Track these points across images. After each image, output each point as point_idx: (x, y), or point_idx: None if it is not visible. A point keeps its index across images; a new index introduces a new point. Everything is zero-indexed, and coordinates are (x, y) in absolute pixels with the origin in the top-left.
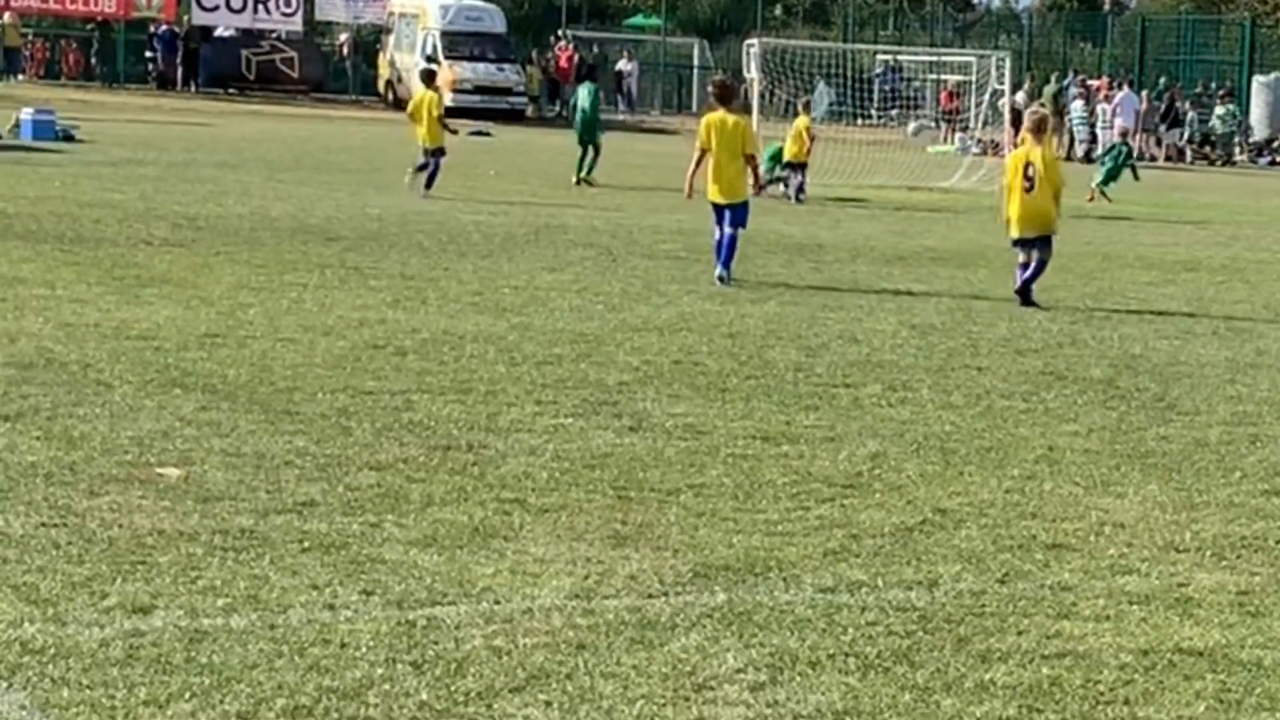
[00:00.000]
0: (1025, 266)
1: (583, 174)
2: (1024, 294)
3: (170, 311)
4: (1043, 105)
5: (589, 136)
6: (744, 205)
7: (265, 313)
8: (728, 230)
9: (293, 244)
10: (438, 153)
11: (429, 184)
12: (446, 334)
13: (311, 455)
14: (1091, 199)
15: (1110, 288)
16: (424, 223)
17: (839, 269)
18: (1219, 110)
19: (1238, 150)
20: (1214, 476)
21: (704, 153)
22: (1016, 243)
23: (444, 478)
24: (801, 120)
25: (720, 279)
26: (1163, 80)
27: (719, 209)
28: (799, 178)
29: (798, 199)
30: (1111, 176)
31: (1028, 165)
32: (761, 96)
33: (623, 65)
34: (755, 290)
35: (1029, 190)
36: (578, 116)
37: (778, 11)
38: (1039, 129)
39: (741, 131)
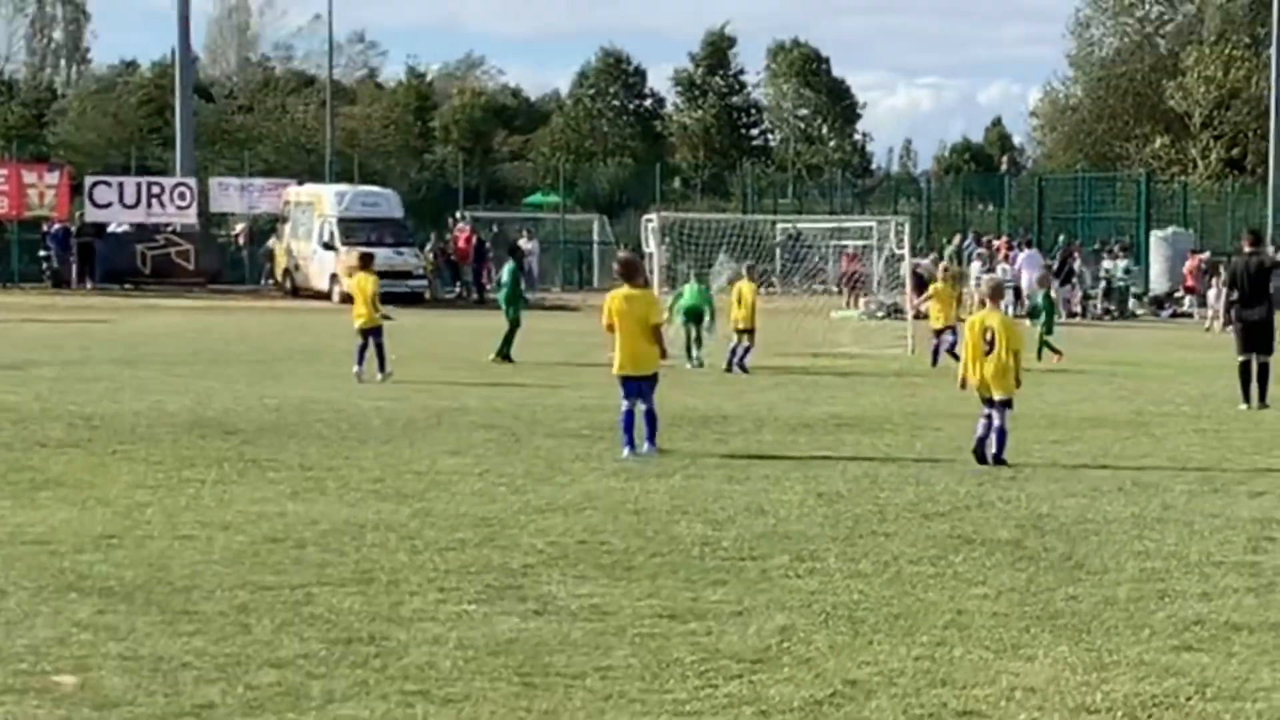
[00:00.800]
0: (989, 422)
1: (500, 351)
2: (982, 451)
3: (66, 514)
4: (947, 267)
5: (507, 313)
6: (654, 377)
7: (163, 511)
8: (641, 404)
9: (190, 439)
10: (375, 332)
11: (381, 365)
12: (347, 524)
13: (210, 655)
14: (1059, 358)
15: (1016, 447)
16: (323, 411)
17: (744, 439)
18: (1116, 264)
19: (1135, 304)
20: (1124, 635)
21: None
22: (986, 401)
23: (345, 672)
24: (745, 285)
25: (626, 457)
26: (1061, 238)
27: (629, 382)
28: (746, 343)
29: (742, 368)
30: (1047, 329)
31: (986, 329)
32: (663, 269)
33: (522, 244)
34: (660, 464)
35: (988, 353)
36: (500, 294)
37: (676, 184)
38: (995, 295)
39: (646, 304)
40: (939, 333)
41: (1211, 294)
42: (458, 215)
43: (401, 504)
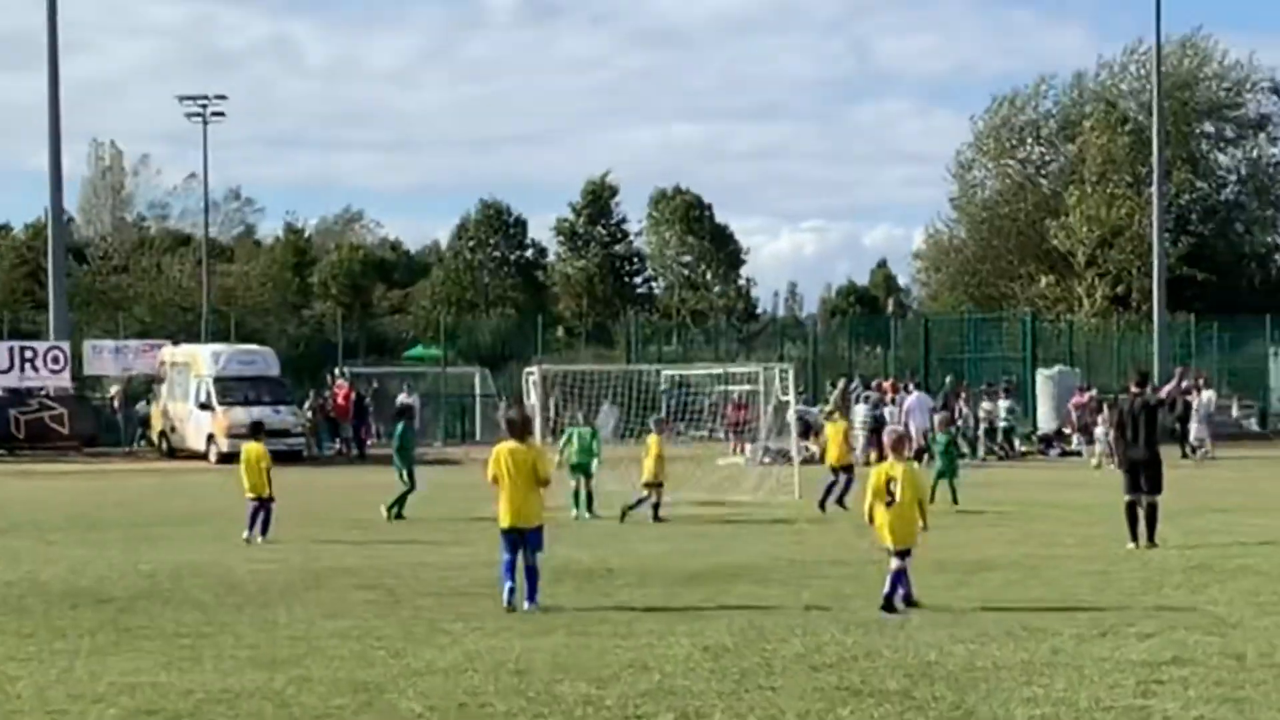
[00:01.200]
0: (899, 574)
1: (393, 509)
2: (890, 604)
3: None
4: (834, 409)
5: (400, 473)
6: (539, 530)
7: (34, 685)
8: (526, 559)
9: (63, 609)
10: (268, 500)
11: (265, 529)
12: (222, 693)
13: None
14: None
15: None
16: (200, 575)
17: (629, 593)
18: (998, 405)
19: (1020, 443)
20: None
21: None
22: (893, 552)
23: None
24: (653, 438)
25: (507, 605)
26: (949, 379)
27: (512, 536)
28: (655, 496)
29: (655, 517)
30: (952, 472)
31: (889, 479)
32: (545, 422)
33: (403, 398)
34: (542, 621)
35: (891, 503)
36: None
37: (560, 334)
38: (898, 446)
39: (533, 457)
40: (836, 471)
41: (1099, 431)
42: (336, 371)
43: (277, 671)
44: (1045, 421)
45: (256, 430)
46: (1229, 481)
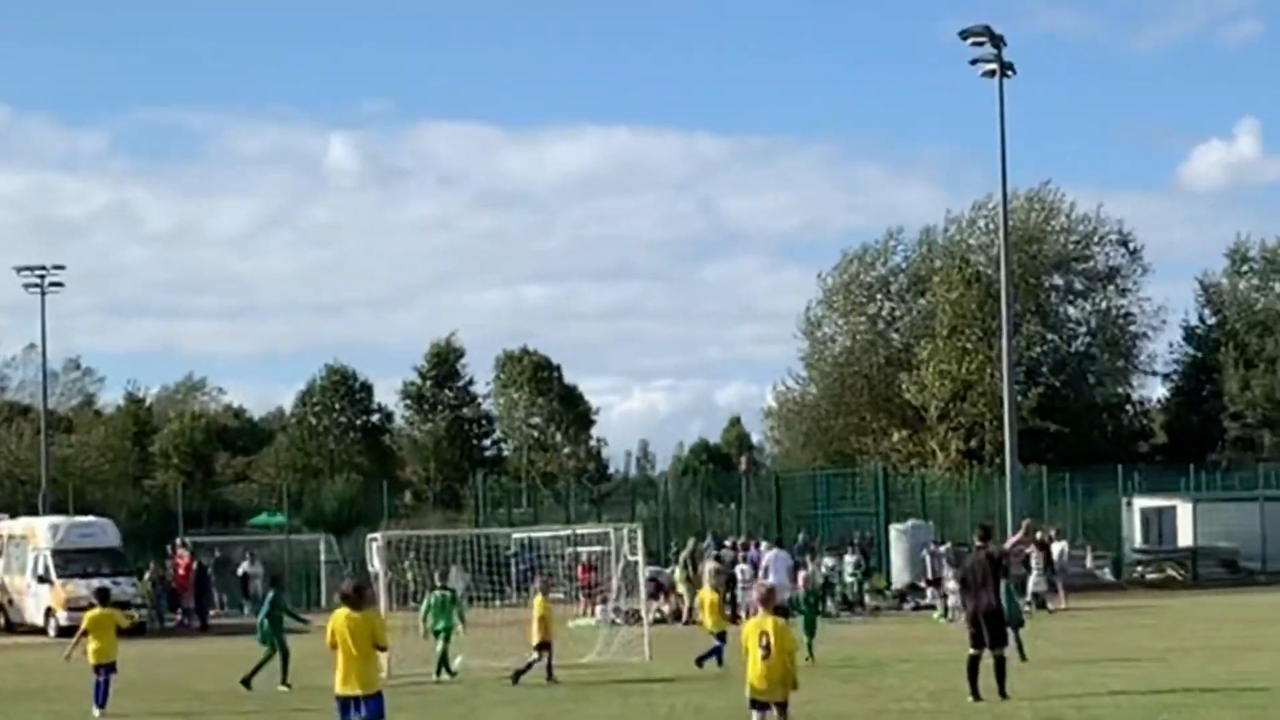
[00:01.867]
0: None
1: (285, 679)
2: None
3: None
4: (719, 570)
5: (273, 641)
6: (378, 697)
7: None
8: None
9: None
10: (110, 668)
11: (102, 703)
12: None
13: None
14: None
15: None
16: None
17: None
18: (844, 560)
19: (871, 598)
20: None
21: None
22: (753, 704)
23: None
24: (539, 600)
25: None
26: (801, 535)
27: (346, 703)
28: (545, 657)
29: (549, 677)
30: (811, 629)
31: (762, 634)
32: (391, 588)
33: (246, 567)
34: None
35: (765, 657)
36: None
37: (408, 498)
38: (767, 600)
39: (371, 624)
40: (719, 635)
41: (950, 584)
42: (178, 541)
43: None
44: (899, 576)
45: (104, 596)
46: (1082, 633)
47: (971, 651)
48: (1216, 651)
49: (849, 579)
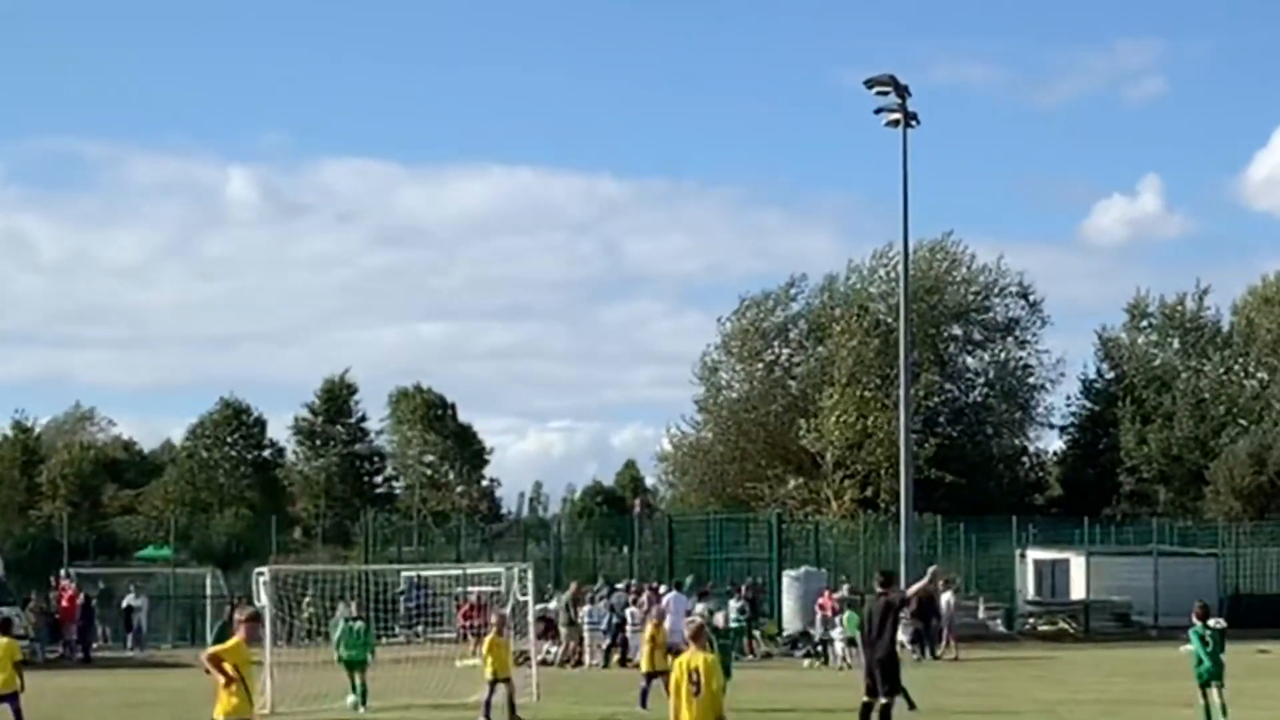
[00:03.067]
0: None
1: None
2: None
3: None
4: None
5: None
6: None
7: None
8: None
9: None
10: (12, 697)
11: None
12: None
13: None
14: None
15: None
16: None
17: None
18: (732, 605)
19: (762, 643)
20: None
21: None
22: None
23: None
24: (491, 636)
25: None
26: (689, 579)
27: None
28: (505, 691)
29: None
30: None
31: (692, 670)
32: (276, 623)
33: (130, 599)
34: None
35: (696, 694)
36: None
37: (297, 534)
38: (697, 635)
39: (229, 649)
40: (649, 676)
41: (836, 632)
42: (62, 573)
43: None
44: (790, 622)
45: (6, 627)
46: (973, 682)
47: (865, 699)
48: (1107, 705)
49: (733, 624)
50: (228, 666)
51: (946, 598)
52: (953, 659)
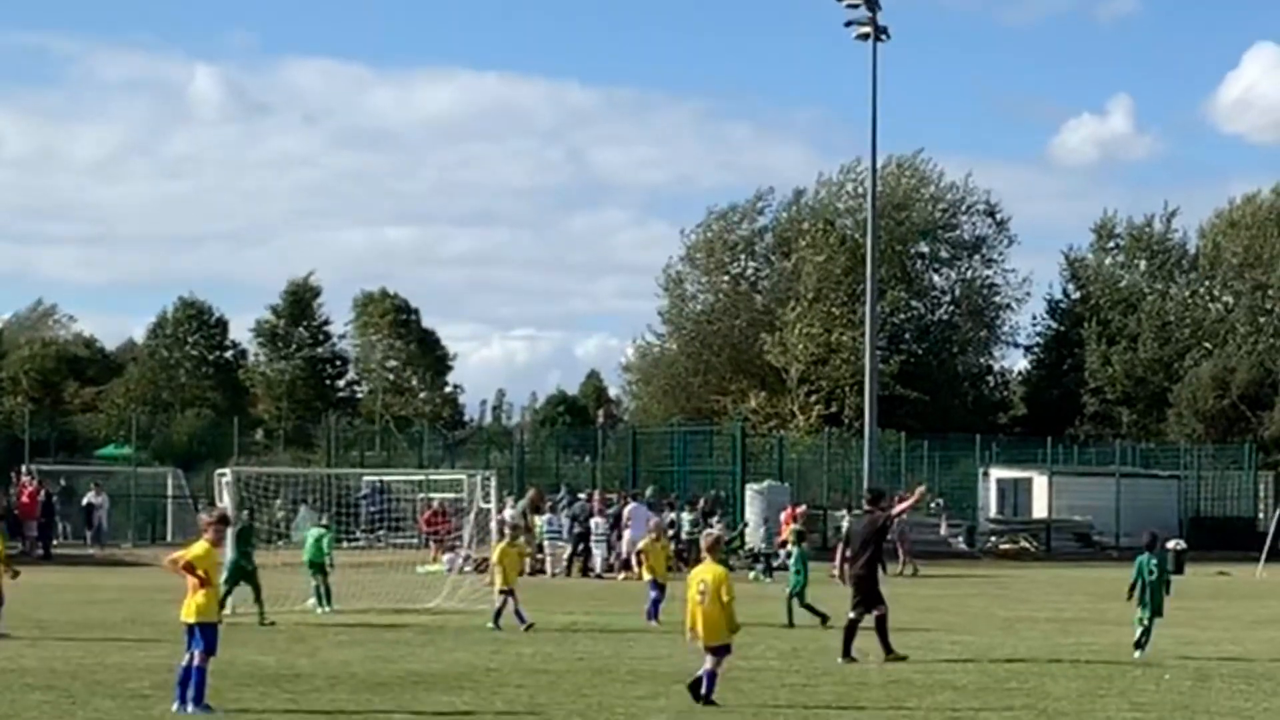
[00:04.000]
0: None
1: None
2: (695, 691)
3: None
4: (659, 524)
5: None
6: (211, 627)
7: None
8: (196, 660)
9: None
10: None
11: None
12: None
13: None
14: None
15: (599, 703)
16: None
17: (317, 698)
18: (682, 517)
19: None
20: None
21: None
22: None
23: None
24: (502, 546)
25: (175, 711)
26: (650, 490)
27: (190, 629)
28: (513, 602)
29: (520, 619)
30: None
31: (701, 581)
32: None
33: (91, 497)
34: None
35: (702, 603)
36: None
37: (259, 436)
38: (713, 548)
39: (201, 554)
40: (657, 586)
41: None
42: (23, 469)
43: None
44: (754, 535)
45: None
46: (933, 599)
47: (851, 615)
48: (1065, 623)
49: (685, 536)
50: (200, 572)
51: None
52: (911, 574)
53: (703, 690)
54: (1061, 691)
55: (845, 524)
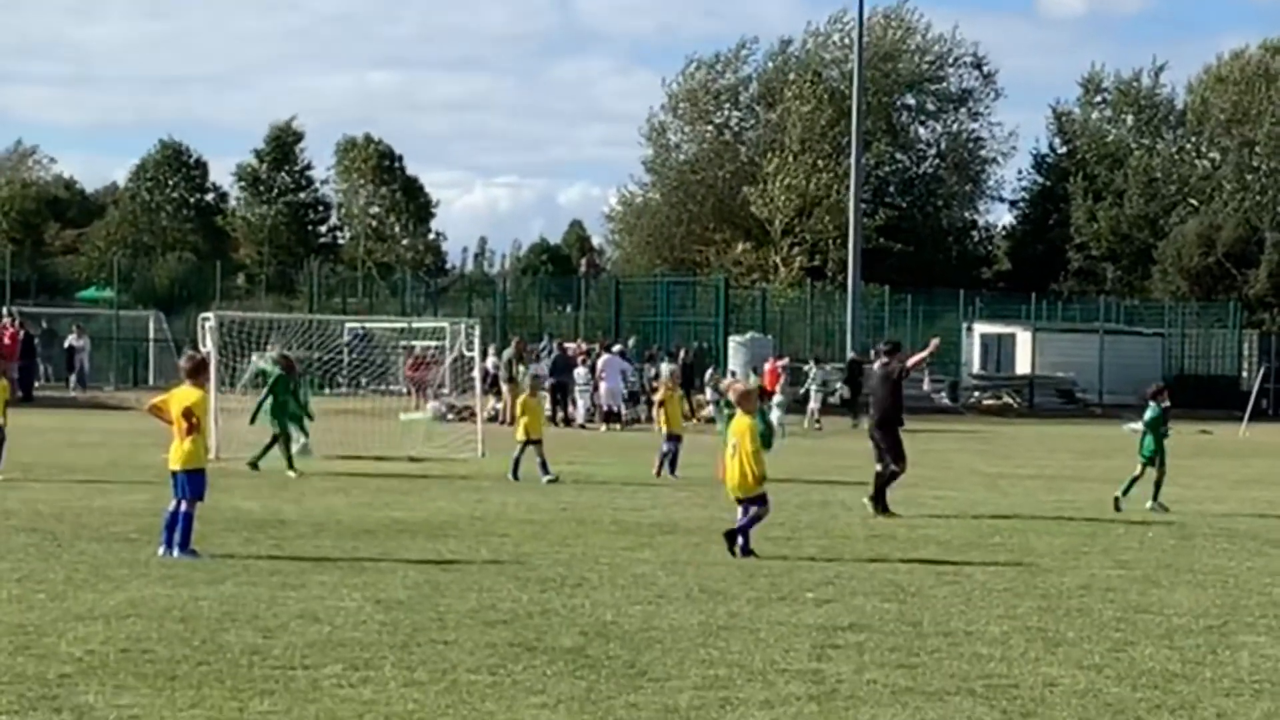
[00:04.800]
0: (744, 520)
1: (257, 458)
2: (731, 539)
3: None
4: (673, 373)
5: (275, 422)
6: (199, 473)
7: None
8: (183, 506)
9: None
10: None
11: None
12: None
13: None
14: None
15: (584, 553)
16: None
17: (302, 544)
18: (660, 368)
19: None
20: None
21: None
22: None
23: None
24: (524, 397)
25: (162, 555)
26: (632, 341)
27: (175, 476)
28: (539, 453)
29: (544, 469)
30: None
31: (732, 434)
32: (221, 369)
33: (73, 340)
34: (211, 571)
35: (733, 455)
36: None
37: (240, 281)
38: (744, 400)
39: (194, 400)
40: (672, 439)
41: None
42: (4, 310)
43: None
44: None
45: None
46: (916, 455)
47: (878, 468)
48: (1048, 479)
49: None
50: (194, 419)
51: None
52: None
53: (739, 543)
54: (1045, 548)
55: (813, 376)
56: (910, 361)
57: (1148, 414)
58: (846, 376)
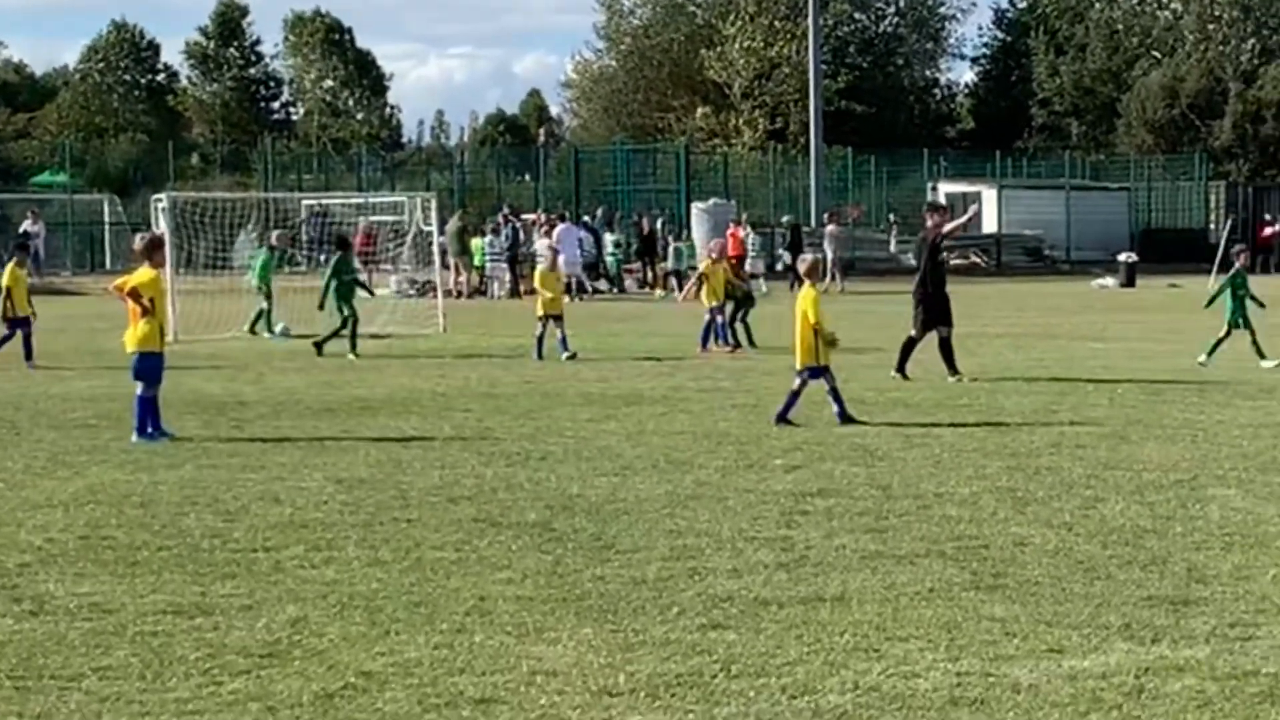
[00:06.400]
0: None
1: (322, 340)
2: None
3: None
4: (713, 246)
5: (339, 308)
6: (153, 355)
7: None
8: (140, 390)
9: None
10: (23, 322)
11: (28, 355)
12: None
13: None
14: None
15: (548, 426)
16: None
17: (262, 425)
18: (607, 238)
19: (628, 279)
20: (651, 614)
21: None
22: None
23: None
24: (542, 270)
25: (135, 442)
26: (600, 211)
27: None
28: (560, 329)
29: (563, 346)
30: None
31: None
32: (177, 250)
33: (28, 226)
34: (170, 455)
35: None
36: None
37: (195, 160)
38: (810, 273)
39: (146, 281)
40: (713, 310)
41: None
42: None
43: None
44: (701, 254)
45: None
46: (884, 316)
47: (911, 333)
48: (1016, 338)
49: (608, 258)
50: (145, 300)
51: (830, 229)
52: (839, 292)
53: (793, 410)
54: (1014, 407)
55: (752, 242)
56: (947, 227)
57: (1228, 276)
58: (788, 242)
